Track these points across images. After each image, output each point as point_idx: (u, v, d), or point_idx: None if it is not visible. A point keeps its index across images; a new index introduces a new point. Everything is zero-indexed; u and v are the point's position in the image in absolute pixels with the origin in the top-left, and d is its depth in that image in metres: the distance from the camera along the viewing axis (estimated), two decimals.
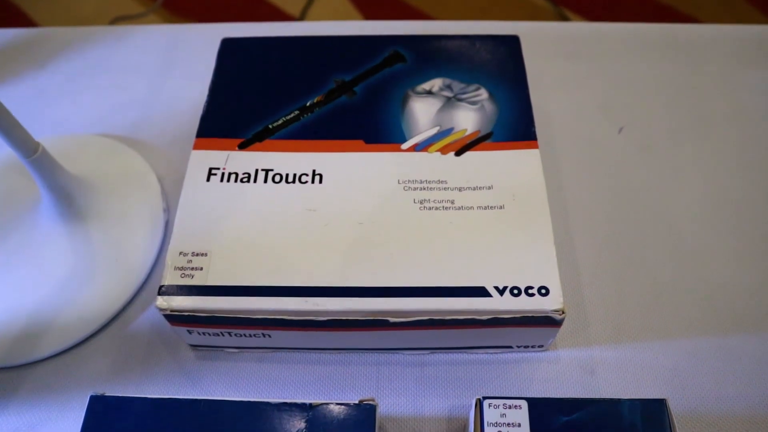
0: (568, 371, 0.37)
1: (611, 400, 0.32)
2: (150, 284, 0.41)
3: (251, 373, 0.37)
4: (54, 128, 0.48)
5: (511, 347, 0.37)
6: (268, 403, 0.31)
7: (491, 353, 0.38)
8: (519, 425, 0.31)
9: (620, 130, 0.47)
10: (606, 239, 0.42)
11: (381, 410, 0.36)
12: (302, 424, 0.31)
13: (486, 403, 0.31)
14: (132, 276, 0.40)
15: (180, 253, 0.35)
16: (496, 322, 0.34)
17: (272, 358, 0.38)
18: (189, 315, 0.34)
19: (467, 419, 0.36)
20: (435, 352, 0.38)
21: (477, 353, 0.38)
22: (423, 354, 0.38)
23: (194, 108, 0.49)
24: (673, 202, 0.44)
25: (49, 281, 0.39)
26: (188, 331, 0.36)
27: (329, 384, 0.37)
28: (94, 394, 0.31)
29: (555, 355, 0.38)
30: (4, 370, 0.38)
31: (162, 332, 0.39)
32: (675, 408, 0.36)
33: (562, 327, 0.39)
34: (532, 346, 0.37)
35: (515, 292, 0.34)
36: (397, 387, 0.37)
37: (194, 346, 0.38)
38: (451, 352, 0.38)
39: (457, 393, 0.37)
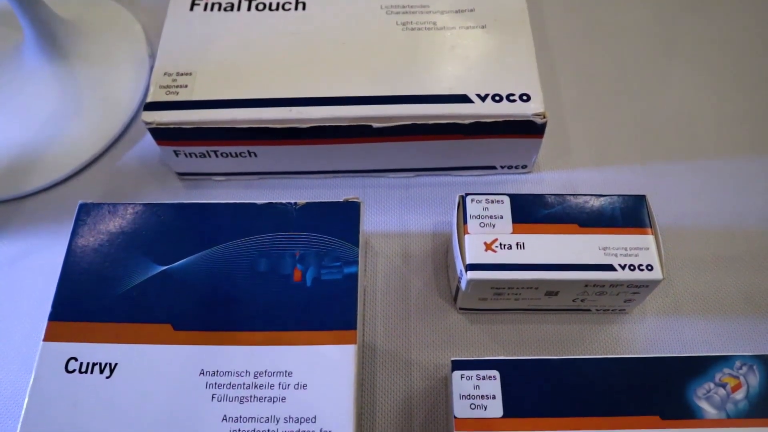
0: (550, 190, 0.38)
1: (592, 194, 0.32)
2: (137, 123, 0.41)
3: (239, 199, 0.38)
4: None
5: (494, 167, 0.38)
6: (254, 204, 0.32)
7: (475, 175, 0.38)
8: (501, 217, 0.32)
9: None
10: (588, 72, 0.42)
11: (367, 227, 0.37)
12: (288, 221, 0.31)
13: (469, 198, 0.32)
14: (119, 114, 0.40)
15: (165, 73, 0.35)
16: (479, 129, 0.34)
17: (259, 184, 0.38)
18: (175, 128, 0.34)
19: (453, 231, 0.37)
20: (420, 175, 0.38)
21: (461, 175, 0.38)
22: (408, 176, 0.38)
23: None
24: (657, 41, 0.44)
25: (36, 118, 0.39)
26: (175, 152, 0.36)
27: None
28: (83, 202, 0.32)
29: (538, 177, 0.38)
30: None
31: (151, 165, 0.39)
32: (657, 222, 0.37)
33: (546, 152, 0.39)
34: (516, 167, 0.38)
35: (497, 98, 0.34)
36: (383, 207, 0.38)
37: (182, 175, 0.38)
38: (435, 174, 0.38)
39: (442, 211, 0.37)
